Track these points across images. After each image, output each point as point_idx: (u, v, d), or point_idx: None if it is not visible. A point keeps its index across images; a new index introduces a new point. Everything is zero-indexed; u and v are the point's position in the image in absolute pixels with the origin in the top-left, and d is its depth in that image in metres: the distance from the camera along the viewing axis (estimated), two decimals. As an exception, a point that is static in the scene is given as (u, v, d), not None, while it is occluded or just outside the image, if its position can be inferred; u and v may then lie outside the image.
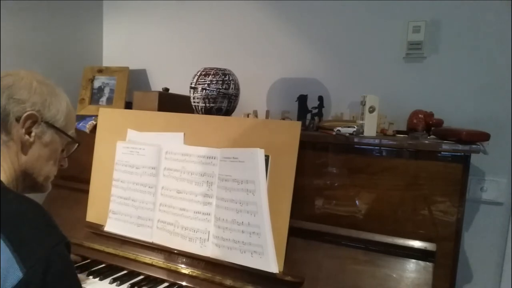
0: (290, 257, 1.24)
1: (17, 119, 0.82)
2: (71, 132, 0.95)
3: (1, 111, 0.81)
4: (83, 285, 1.35)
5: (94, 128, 1.68)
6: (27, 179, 0.87)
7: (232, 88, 1.48)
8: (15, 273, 0.66)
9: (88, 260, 1.51)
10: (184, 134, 1.43)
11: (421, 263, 1.15)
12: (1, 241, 0.67)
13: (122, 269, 1.45)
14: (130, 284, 1.35)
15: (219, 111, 1.48)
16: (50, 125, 0.87)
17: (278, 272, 1.22)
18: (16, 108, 0.82)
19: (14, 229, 0.69)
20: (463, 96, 1.49)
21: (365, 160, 1.26)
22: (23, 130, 0.83)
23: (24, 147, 0.84)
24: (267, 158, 1.27)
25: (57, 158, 0.93)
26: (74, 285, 0.77)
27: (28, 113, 0.83)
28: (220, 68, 1.48)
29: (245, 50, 1.89)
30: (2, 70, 0.87)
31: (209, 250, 1.33)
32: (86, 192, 1.62)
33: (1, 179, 0.81)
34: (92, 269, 1.44)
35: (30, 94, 0.84)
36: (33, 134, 0.85)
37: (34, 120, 0.84)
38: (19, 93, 0.83)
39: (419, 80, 1.56)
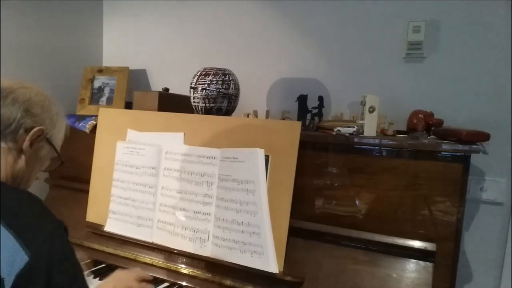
0: (290, 257, 1.24)
1: (26, 131, 0.87)
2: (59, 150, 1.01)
3: (15, 121, 0.86)
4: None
5: (94, 128, 1.68)
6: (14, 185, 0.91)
7: (232, 88, 1.48)
8: (22, 257, 0.70)
9: (88, 260, 1.51)
10: (184, 134, 1.43)
11: (421, 263, 1.15)
12: (2, 229, 0.71)
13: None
14: (130, 284, 1.35)
15: (219, 111, 1.48)
16: (49, 142, 0.93)
17: (278, 272, 1.22)
18: (28, 121, 0.87)
19: (14, 217, 0.74)
20: (463, 96, 1.49)
21: (365, 160, 1.26)
22: (28, 142, 0.88)
23: (24, 157, 0.89)
24: (267, 158, 1.27)
25: (40, 171, 0.98)
26: (77, 266, 0.82)
27: (39, 127, 0.88)
28: (220, 68, 1.48)
29: (245, 50, 1.89)
30: (2, 70, 0.89)
31: (209, 250, 1.33)
32: (86, 192, 1.62)
33: None
34: (92, 269, 1.44)
35: (43, 110, 0.91)
36: (34, 146, 0.90)
37: (40, 134, 0.89)
38: (34, 107, 0.89)
39: (419, 80, 1.56)
